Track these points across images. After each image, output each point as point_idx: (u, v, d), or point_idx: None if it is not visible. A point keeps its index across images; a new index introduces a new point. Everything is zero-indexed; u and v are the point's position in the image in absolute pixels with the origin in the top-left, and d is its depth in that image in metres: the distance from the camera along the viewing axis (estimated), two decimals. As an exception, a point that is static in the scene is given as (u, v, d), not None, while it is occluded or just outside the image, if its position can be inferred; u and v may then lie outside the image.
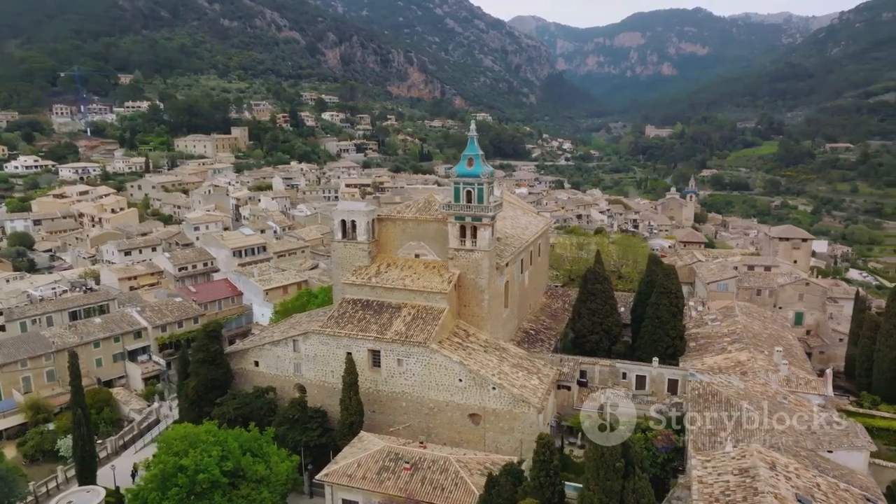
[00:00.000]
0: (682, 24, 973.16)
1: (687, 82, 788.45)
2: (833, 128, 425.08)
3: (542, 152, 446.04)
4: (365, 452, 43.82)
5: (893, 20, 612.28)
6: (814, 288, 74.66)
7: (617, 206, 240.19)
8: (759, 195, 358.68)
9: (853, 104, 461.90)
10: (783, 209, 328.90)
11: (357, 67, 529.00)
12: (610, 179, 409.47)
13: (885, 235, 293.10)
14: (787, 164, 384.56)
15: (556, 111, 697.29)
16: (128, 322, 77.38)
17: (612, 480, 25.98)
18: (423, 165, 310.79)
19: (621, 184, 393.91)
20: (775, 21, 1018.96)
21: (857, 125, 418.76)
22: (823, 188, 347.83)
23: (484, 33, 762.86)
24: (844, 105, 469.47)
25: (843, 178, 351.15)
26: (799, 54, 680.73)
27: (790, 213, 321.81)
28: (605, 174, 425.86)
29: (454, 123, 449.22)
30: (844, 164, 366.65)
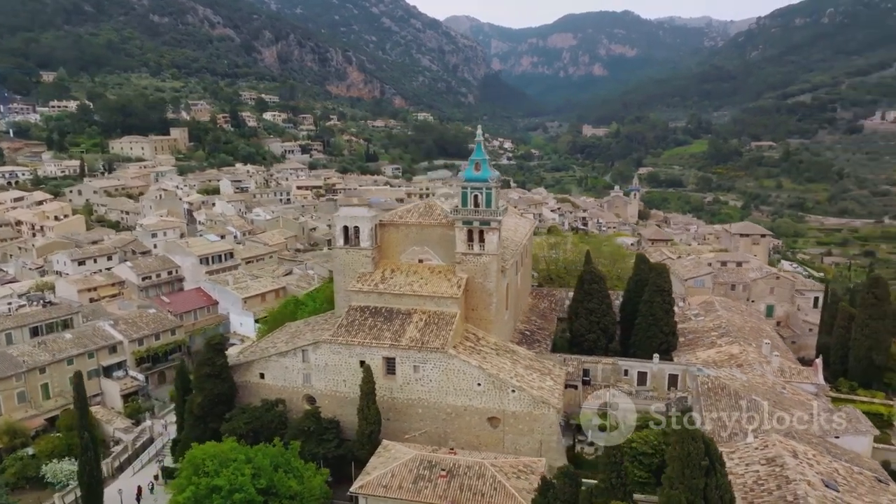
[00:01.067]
0: (611, 26, 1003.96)
1: (617, 83, 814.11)
2: (756, 127, 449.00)
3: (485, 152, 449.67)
4: (397, 462, 43.47)
5: (805, 26, 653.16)
6: (783, 282, 79.15)
7: (566, 205, 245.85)
8: (693, 192, 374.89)
9: (773, 105, 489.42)
10: (715, 205, 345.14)
11: (295, 66, 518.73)
12: (551, 178, 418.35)
13: (807, 228, 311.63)
14: (717, 161, 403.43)
15: (493, 111, 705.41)
16: (101, 336, 73.57)
17: (697, 478, 26.96)
18: (369, 166, 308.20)
19: (562, 182, 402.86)
20: (697, 25, 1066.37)
21: (778, 125, 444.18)
22: (751, 184, 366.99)
23: (421, 33, 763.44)
24: (765, 105, 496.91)
25: (768, 175, 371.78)
26: (721, 57, 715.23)
27: (722, 208, 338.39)
28: (547, 173, 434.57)
29: (396, 123, 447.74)
30: (769, 161, 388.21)
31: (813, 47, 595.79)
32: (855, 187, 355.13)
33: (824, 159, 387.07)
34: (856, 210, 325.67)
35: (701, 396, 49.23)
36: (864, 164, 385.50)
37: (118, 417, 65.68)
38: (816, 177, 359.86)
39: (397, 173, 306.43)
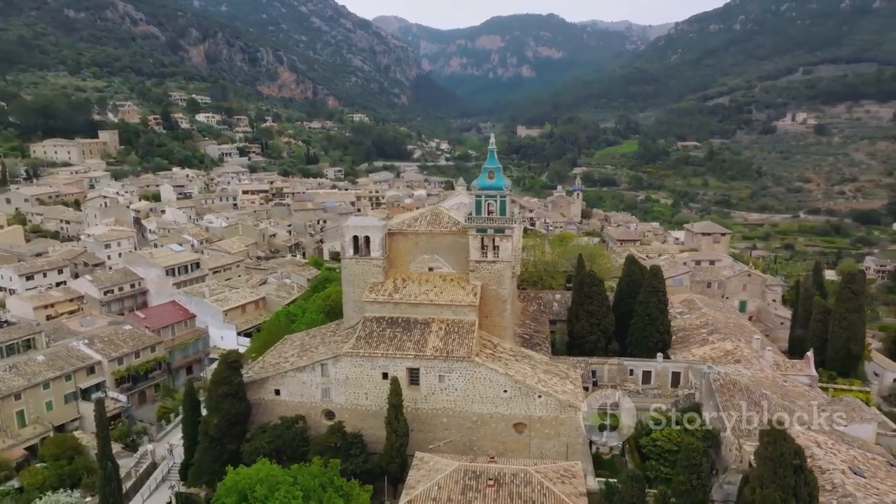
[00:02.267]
0: (537, 28, 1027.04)
1: (545, 84, 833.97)
2: (681, 128, 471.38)
3: (423, 153, 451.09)
4: (440, 474, 43.30)
5: (719, 32, 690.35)
6: (755, 278, 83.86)
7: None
8: (626, 190, 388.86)
9: (694, 106, 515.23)
10: (647, 203, 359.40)
11: (224, 66, 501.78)
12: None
13: (732, 224, 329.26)
14: (647, 161, 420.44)
15: (426, 111, 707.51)
16: (77, 357, 69.26)
17: (788, 477, 28.42)
18: (310, 168, 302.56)
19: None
20: (618, 28, 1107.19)
21: (701, 125, 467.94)
22: (679, 183, 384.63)
23: (351, 33, 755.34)
24: (687, 107, 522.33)
25: (694, 174, 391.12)
26: (643, 60, 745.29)
27: (654, 206, 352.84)
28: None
29: (333, 124, 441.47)
30: (694, 160, 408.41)
31: (727, 52, 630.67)
32: (773, 184, 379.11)
33: (744, 158, 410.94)
34: (775, 206, 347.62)
35: (716, 393, 51.39)
36: (779, 163, 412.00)
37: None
38: (738, 175, 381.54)
39: (340, 175, 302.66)
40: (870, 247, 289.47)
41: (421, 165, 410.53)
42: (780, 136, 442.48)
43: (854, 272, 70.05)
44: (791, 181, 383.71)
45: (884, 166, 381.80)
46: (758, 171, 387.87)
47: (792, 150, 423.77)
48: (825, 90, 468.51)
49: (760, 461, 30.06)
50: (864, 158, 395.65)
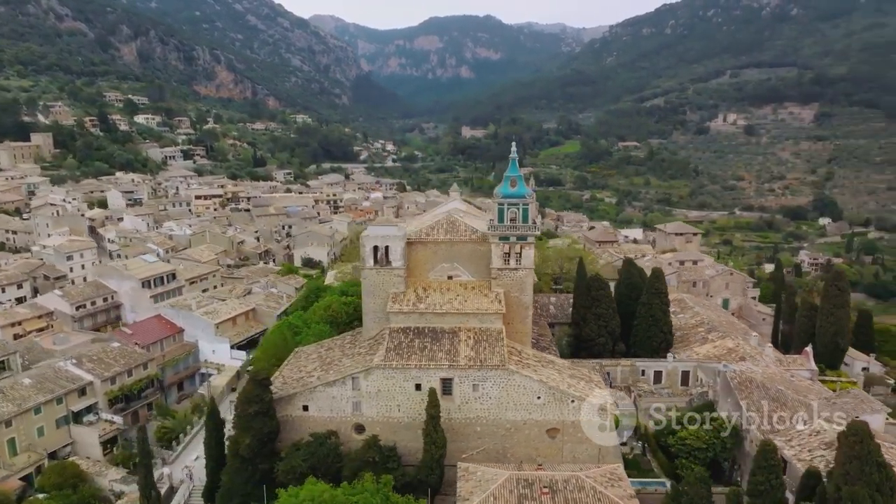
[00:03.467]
0: (475, 29, 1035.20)
1: (485, 85, 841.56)
2: (620, 128, 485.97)
3: (370, 154, 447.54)
4: (493, 483, 43.44)
5: (651, 36, 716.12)
6: (737, 277, 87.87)
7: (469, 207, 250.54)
8: (571, 190, 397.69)
9: (632, 107, 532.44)
10: (593, 202, 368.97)
11: (158, 65, 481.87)
12: (437, 179, 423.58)
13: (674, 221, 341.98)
14: (590, 161, 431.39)
15: (368, 112, 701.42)
16: (66, 378, 65.34)
17: (873, 473, 30.10)
18: (258, 171, 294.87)
19: (448, 183, 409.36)
20: (553, 31, 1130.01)
21: (639, 126, 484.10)
22: (622, 182, 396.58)
23: (289, 32, 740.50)
24: (625, 108, 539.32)
25: (636, 173, 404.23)
26: (580, 62, 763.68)
27: (599, 205, 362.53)
28: (431, 174, 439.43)
29: (277, 126, 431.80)
30: (636, 160, 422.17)
31: (659, 55, 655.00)
32: (709, 183, 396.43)
33: (681, 158, 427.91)
34: (712, 203, 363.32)
35: (735, 391, 53.61)
36: (714, 162, 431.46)
37: (112, 469, 58.78)
38: (677, 174, 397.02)
39: (289, 178, 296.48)
40: (800, 241, 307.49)
41: (368, 167, 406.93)
42: (713, 136, 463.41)
43: (839, 271, 74.53)
44: (725, 179, 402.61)
45: (808, 165, 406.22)
46: (695, 171, 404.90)
47: (724, 149, 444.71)
48: (752, 93, 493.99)
49: (846, 459, 31.74)
50: (790, 157, 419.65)
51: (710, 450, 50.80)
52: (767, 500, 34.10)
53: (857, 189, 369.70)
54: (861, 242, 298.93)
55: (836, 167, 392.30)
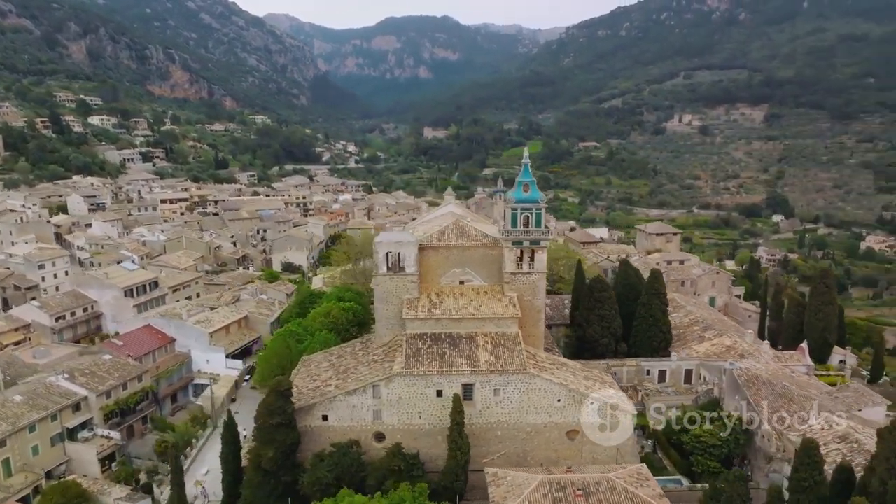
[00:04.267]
0: (433, 30, 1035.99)
1: (443, 85, 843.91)
2: (580, 129, 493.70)
3: (332, 155, 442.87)
4: (526, 488, 43.65)
5: (607, 38, 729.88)
6: (723, 276, 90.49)
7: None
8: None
9: (591, 108, 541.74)
10: (556, 202, 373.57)
11: (109, 64, 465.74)
12: (400, 180, 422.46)
13: (636, 219, 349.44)
14: (552, 161, 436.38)
15: (327, 113, 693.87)
16: (59, 393, 62.77)
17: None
18: (220, 174, 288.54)
19: (412, 184, 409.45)
20: (510, 32, 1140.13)
21: (598, 127, 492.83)
22: (584, 182, 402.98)
23: (245, 31, 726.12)
24: (583, 109, 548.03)
25: (597, 173, 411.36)
26: (538, 63, 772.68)
27: (562, 205, 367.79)
28: (395, 175, 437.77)
29: (236, 126, 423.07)
30: (596, 160, 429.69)
31: (615, 57, 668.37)
32: (667, 182, 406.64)
33: (640, 158, 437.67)
34: (671, 202, 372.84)
35: (743, 388, 55.25)
36: (671, 161, 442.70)
37: (116, 488, 56.66)
38: (637, 174, 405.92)
39: (253, 180, 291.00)
40: (755, 238, 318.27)
41: (331, 168, 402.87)
42: (670, 136, 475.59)
43: (827, 269, 77.59)
44: (683, 179, 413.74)
45: (760, 164, 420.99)
46: (654, 170, 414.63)
47: (681, 149, 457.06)
48: (705, 94, 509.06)
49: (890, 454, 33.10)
50: (743, 157, 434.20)
51: (724, 446, 52.26)
52: (811, 495, 35.30)
53: (807, 187, 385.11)
54: (812, 238, 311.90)
55: (786, 166, 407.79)
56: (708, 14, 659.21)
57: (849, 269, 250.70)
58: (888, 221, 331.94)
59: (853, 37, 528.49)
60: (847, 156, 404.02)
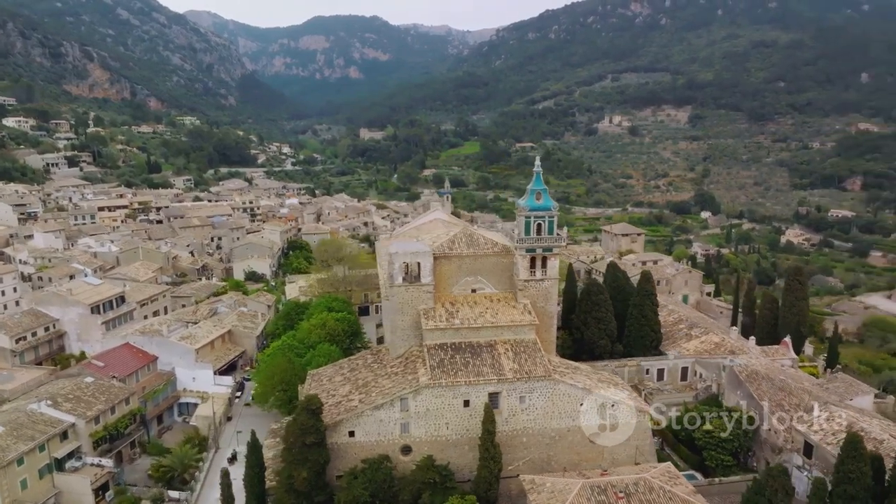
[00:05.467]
0: (362, 30, 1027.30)
1: (375, 85, 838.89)
2: (516, 130, 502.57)
3: (267, 157, 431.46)
4: (569, 493, 44.37)
5: (537, 40, 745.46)
6: (695, 275, 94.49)
7: (384, 210, 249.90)
8: (475, 190, 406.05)
9: (525, 109, 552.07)
10: (496, 202, 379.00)
11: (20, 61, 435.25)
12: (339, 182, 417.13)
13: (574, 219, 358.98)
14: (490, 161, 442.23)
15: (257, 113, 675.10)
16: (44, 422, 58.64)
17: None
18: (154, 178, 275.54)
19: (351, 186, 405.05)
20: (439, 33, 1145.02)
21: (533, 128, 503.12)
22: (523, 182, 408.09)
23: (166, 28, 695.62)
24: (518, 110, 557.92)
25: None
26: (470, 64, 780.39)
27: (503, 205, 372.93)
28: (333, 177, 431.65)
29: (165, 128, 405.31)
30: (533, 160, 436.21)
31: (545, 59, 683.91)
32: (602, 181, 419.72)
33: (575, 158, 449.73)
34: (607, 201, 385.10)
35: (745, 383, 58.11)
36: (604, 161, 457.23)
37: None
38: (573, 173, 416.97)
39: (189, 185, 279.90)
40: (686, 234, 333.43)
41: (267, 171, 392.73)
42: (602, 136, 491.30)
43: (799, 266, 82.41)
44: (616, 177, 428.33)
45: (687, 163, 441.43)
46: (588, 170, 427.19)
47: (612, 149, 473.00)
48: (633, 95, 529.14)
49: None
50: (671, 156, 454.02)
51: (735, 441, 54.80)
52: (858, 486, 37.58)
53: (730, 184, 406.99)
54: (737, 233, 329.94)
55: (710, 165, 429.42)
56: (632, 18, 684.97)
57: (775, 262, 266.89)
58: (804, 216, 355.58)
59: (764, 43, 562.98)
60: (764, 155, 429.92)
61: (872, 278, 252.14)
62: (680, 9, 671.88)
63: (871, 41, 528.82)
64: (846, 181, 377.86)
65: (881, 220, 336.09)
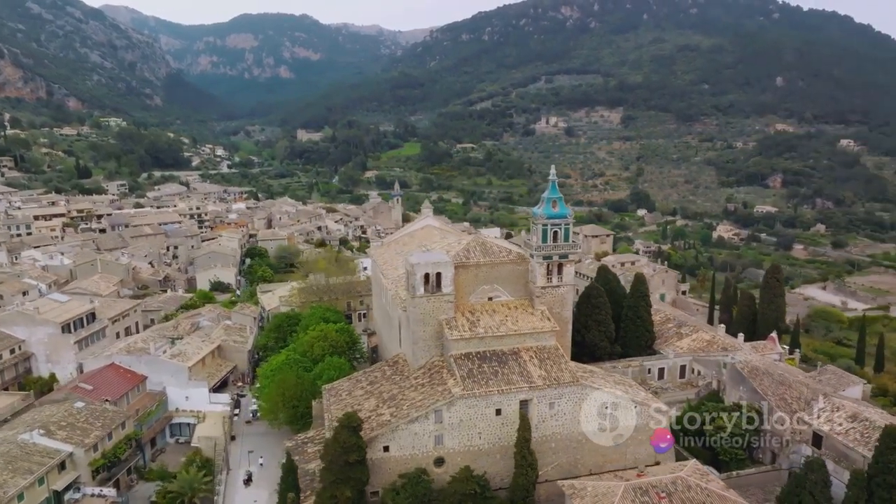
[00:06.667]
0: (292, 29, 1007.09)
1: (307, 85, 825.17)
2: (455, 131, 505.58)
3: (201, 160, 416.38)
4: (613, 496, 45.35)
5: (471, 42, 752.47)
6: (671, 274, 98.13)
7: (334, 214, 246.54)
8: (418, 192, 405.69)
9: (463, 111, 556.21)
10: (440, 203, 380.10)
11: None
12: (278, 185, 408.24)
13: (519, 218, 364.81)
14: (432, 163, 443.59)
15: (185, 114, 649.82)
16: (39, 452, 54.79)
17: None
18: (85, 184, 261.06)
19: (291, 188, 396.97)
20: (370, 33, 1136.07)
21: (473, 129, 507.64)
22: (466, 182, 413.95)
23: (83, 24, 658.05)
24: (456, 111, 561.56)
25: (477, 174, 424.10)
26: (405, 65, 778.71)
27: (446, 206, 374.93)
28: (271, 180, 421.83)
29: (90, 130, 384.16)
30: (475, 161, 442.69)
31: (480, 60, 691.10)
32: (542, 181, 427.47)
33: (515, 158, 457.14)
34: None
35: (748, 379, 60.94)
36: (542, 161, 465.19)
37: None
38: (515, 174, 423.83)
39: (124, 190, 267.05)
40: (625, 231, 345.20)
41: (203, 174, 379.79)
42: (539, 137, 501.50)
43: (777, 265, 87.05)
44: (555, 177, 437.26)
45: (621, 162, 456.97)
46: (529, 170, 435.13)
47: (550, 149, 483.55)
48: (567, 97, 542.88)
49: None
50: (606, 156, 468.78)
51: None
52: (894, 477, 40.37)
53: (662, 183, 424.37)
54: (672, 230, 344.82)
55: (643, 164, 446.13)
56: (563, 22, 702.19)
57: (712, 257, 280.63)
58: (732, 212, 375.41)
59: (688, 47, 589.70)
60: (693, 154, 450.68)
61: (797, 270, 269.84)
62: (608, 13, 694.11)
63: (782, 47, 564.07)
64: (768, 179, 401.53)
65: (801, 215, 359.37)
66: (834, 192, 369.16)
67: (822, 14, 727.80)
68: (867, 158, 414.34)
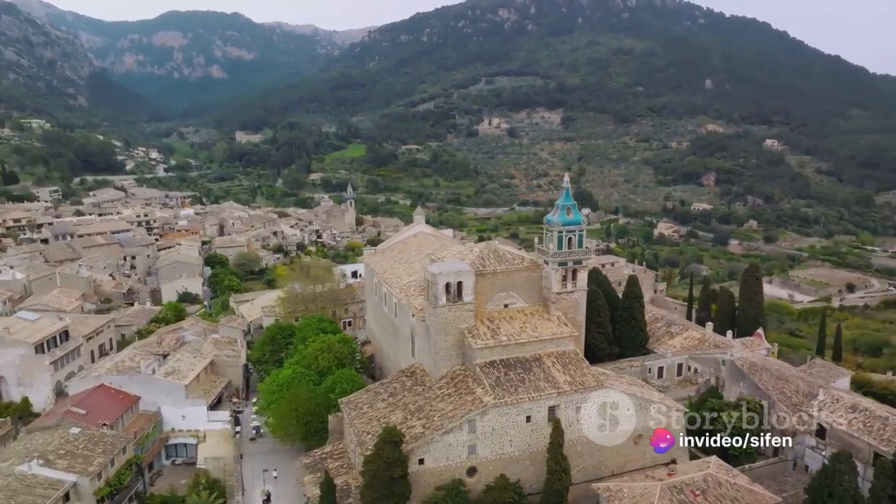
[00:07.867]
0: (223, 27, 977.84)
1: (241, 85, 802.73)
2: (399, 132, 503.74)
3: (136, 164, 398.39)
4: (651, 497, 46.52)
5: (410, 42, 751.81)
6: (649, 274, 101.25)
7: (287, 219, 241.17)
8: (365, 194, 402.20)
9: (405, 112, 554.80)
10: (388, 205, 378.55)
11: None
12: (219, 189, 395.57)
13: (468, 219, 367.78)
14: (378, 164, 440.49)
15: (112, 115, 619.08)
16: (41, 484, 51.33)
17: None
18: (13, 190, 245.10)
19: (232, 192, 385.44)
20: (305, 32, 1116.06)
21: (416, 130, 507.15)
22: (413, 184, 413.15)
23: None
24: (398, 112, 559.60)
25: (424, 175, 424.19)
26: (343, 65, 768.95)
27: (394, 207, 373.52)
28: (211, 183, 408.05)
29: (11, 133, 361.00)
30: (421, 163, 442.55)
31: (420, 62, 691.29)
32: (488, 182, 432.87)
33: (460, 159, 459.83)
34: (495, 201, 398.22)
35: (749, 375, 63.74)
36: (487, 162, 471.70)
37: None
38: (461, 175, 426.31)
39: (58, 197, 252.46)
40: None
41: (139, 178, 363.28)
42: (483, 138, 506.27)
43: (755, 264, 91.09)
44: (500, 178, 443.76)
45: (563, 162, 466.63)
46: (475, 171, 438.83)
47: (493, 150, 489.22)
48: (509, 98, 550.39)
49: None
50: (548, 156, 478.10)
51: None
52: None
53: (604, 182, 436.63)
54: (616, 228, 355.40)
55: (585, 164, 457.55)
56: (500, 24, 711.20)
57: (657, 254, 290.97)
58: (671, 210, 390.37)
59: (622, 50, 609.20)
60: (631, 154, 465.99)
61: (733, 264, 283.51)
62: (544, 16, 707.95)
63: (709, 51, 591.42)
64: (702, 177, 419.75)
65: (734, 211, 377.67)
66: (763, 189, 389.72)
67: (742, 20, 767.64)
68: (790, 157, 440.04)
